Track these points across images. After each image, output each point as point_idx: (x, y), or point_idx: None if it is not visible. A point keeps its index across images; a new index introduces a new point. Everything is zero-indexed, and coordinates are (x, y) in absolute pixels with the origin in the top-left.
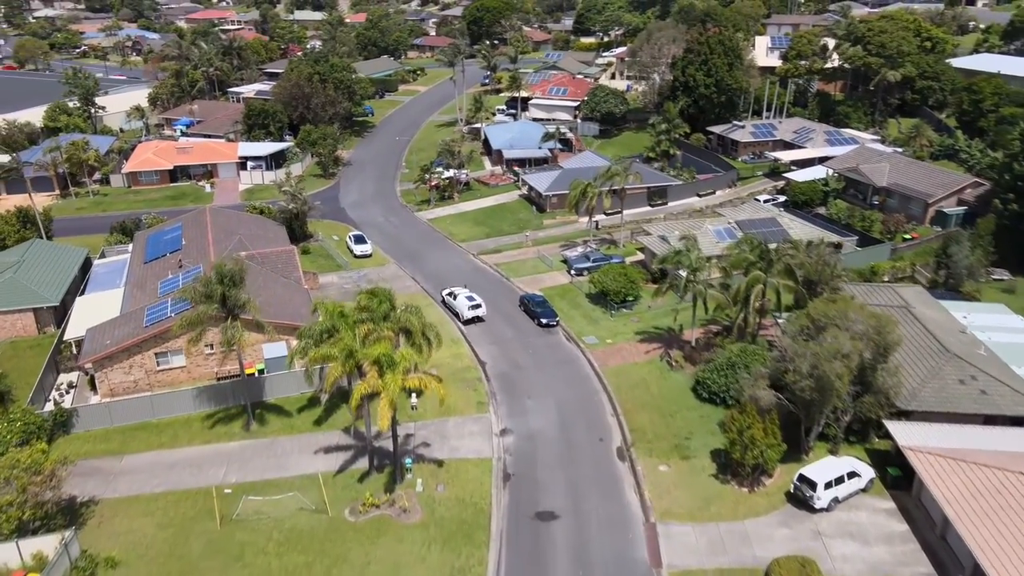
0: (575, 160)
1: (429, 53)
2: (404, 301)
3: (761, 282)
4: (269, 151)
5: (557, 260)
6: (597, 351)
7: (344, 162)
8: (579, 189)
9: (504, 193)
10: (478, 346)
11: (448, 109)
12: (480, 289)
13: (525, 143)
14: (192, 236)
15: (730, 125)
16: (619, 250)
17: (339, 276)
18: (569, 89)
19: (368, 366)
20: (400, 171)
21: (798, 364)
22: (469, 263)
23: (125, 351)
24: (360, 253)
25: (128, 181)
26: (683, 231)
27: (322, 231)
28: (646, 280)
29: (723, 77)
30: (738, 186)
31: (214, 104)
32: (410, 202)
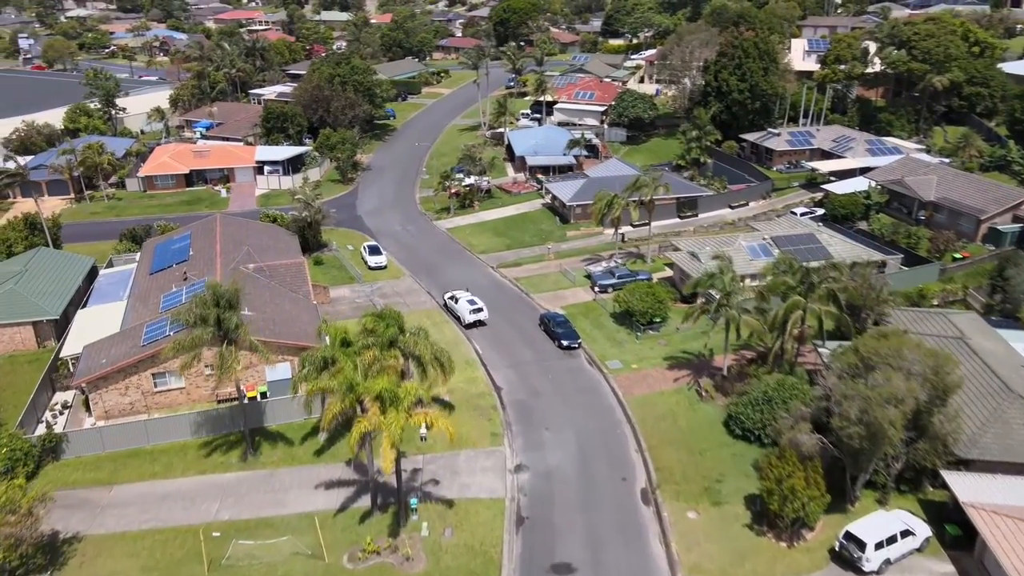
0: (601, 168)
1: (454, 54)
2: (418, 318)
3: (801, 308)
4: (287, 155)
5: (580, 275)
6: (621, 377)
7: (363, 167)
8: (605, 201)
9: (526, 202)
10: (494, 370)
11: (471, 113)
12: (499, 306)
13: (549, 150)
14: (200, 246)
15: (764, 132)
16: (646, 265)
17: (351, 289)
18: (596, 93)
19: (370, 401)
20: (420, 177)
21: (845, 408)
22: (488, 277)
23: (121, 371)
24: (374, 265)
25: (144, 185)
26: (715, 247)
27: (337, 240)
28: (675, 299)
29: (758, 82)
30: (773, 197)
31: (234, 106)
32: (429, 210)
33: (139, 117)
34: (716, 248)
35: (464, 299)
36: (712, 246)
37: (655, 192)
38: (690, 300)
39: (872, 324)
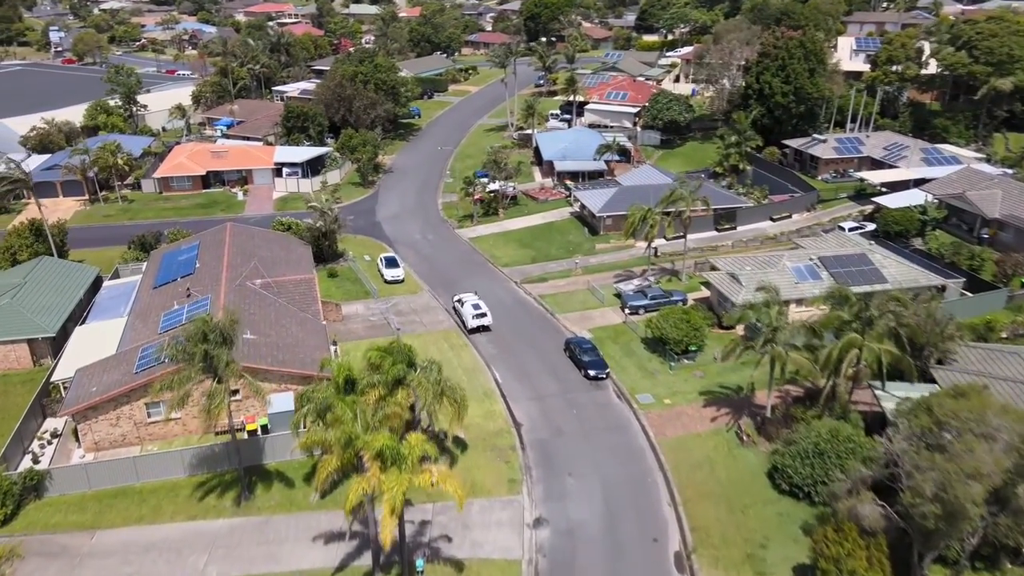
0: (634, 175)
1: (483, 50)
2: (435, 340)
3: (857, 346)
4: (306, 157)
5: (609, 294)
6: (653, 414)
7: (385, 169)
8: (638, 216)
9: (554, 210)
10: (515, 403)
11: (499, 112)
12: (522, 328)
13: (579, 154)
14: (208, 258)
15: (810, 139)
16: (680, 284)
17: (366, 306)
18: (629, 93)
19: (369, 458)
20: (444, 180)
21: (919, 482)
22: (511, 293)
23: (111, 401)
24: (391, 278)
25: (159, 187)
26: (756, 268)
27: (353, 250)
28: (712, 325)
29: (803, 84)
30: (818, 210)
31: (256, 104)
32: (451, 217)
33: (160, 114)
34: (757, 268)
35: (469, 303)
36: (753, 266)
37: (692, 206)
38: (729, 326)
39: (935, 362)
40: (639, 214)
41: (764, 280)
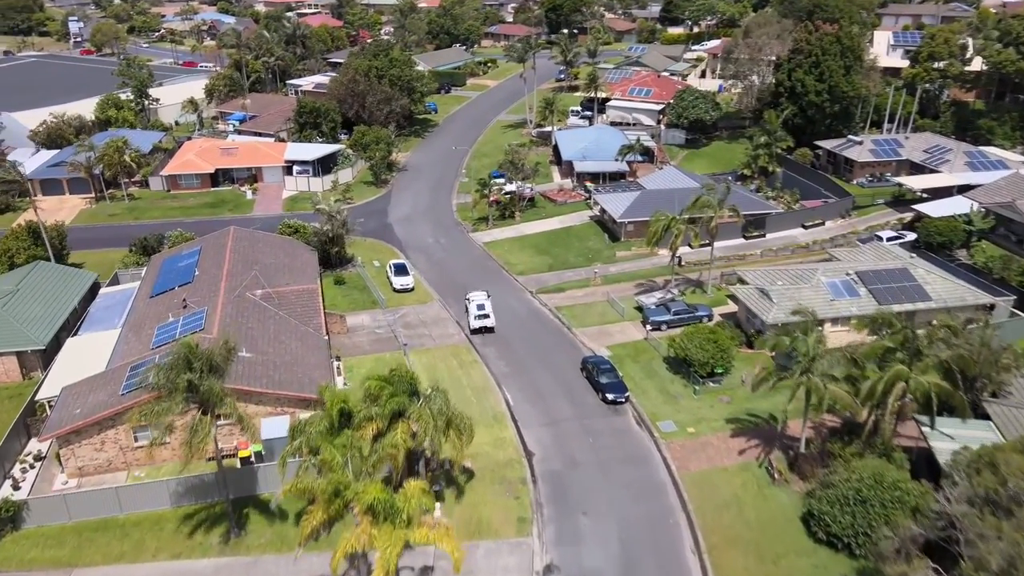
0: (657, 178)
1: (504, 42)
2: (443, 356)
3: (904, 379)
4: (317, 155)
5: (630, 306)
6: (675, 444)
7: (399, 167)
8: (661, 224)
9: (573, 213)
10: (527, 428)
11: (518, 108)
12: (536, 343)
13: (600, 154)
14: (208, 265)
15: (844, 140)
16: (706, 298)
17: (372, 316)
18: (653, 90)
19: (360, 512)
20: (459, 179)
21: (983, 553)
22: (525, 304)
23: (95, 425)
24: (400, 287)
25: (167, 185)
26: (788, 282)
27: (362, 255)
28: (740, 344)
29: (838, 82)
30: (853, 216)
31: (268, 98)
32: (466, 219)
33: (173, 108)
34: (789, 283)
35: (475, 302)
36: (785, 280)
37: (720, 214)
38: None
39: (989, 395)
40: (663, 222)
41: (797, 297)
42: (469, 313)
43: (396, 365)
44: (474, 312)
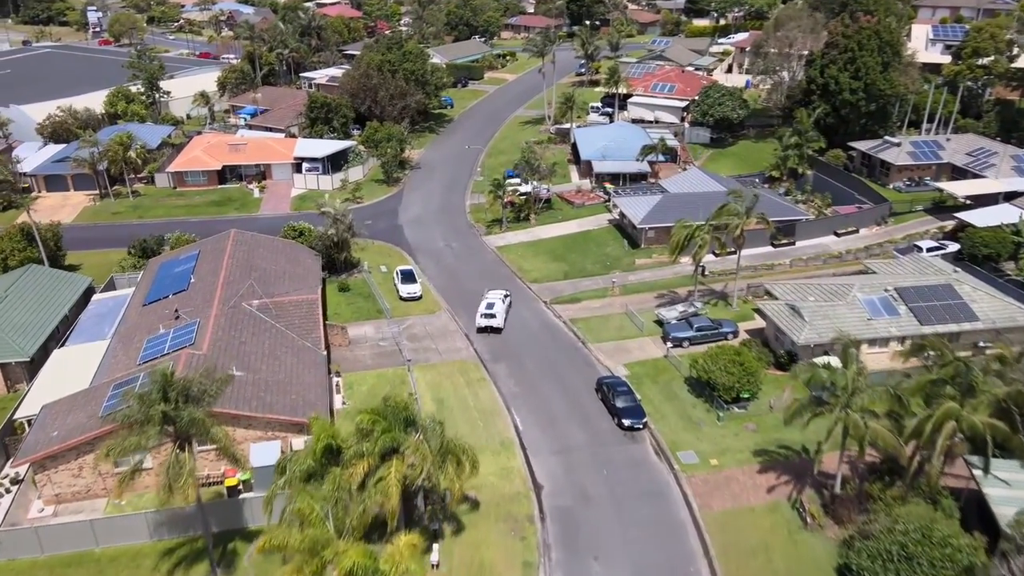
0: (680, 180)
1: (524, 34)
2: (449, 372)
3: (954, 417)
4: (327, 151)
5: (650, 319)
6: (697, 479)
7: (412, 165)
8: (684, 234)
9: (591, 216)
10: (536, 456)
11: (536, 103)
12: (549, 360)
13: (620, 153)
14: (205, 271)
15: (880, 142)
16: (730, 312)
17: (376, 327)
18: (677, 86)
19: None
20: (473, 178)
21: None
22: (538, 316)
23: (73, 449)
24: (407, 295)
25: (173, 181)
26: (820, 297)
27: (370, 259)
28: (768, 364)
29: (875, 80)
30: (889, 224)
31: (280, 92)
32: (479, 221)
33: (184, 101)
34: (822, 299)
35: (486, 301)
36: (817, 296)
37: (747, 223)
38: (787, 365)
39: None
40: (685, 232)
41: (830, 315)
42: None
43: (399, 382)
44: (482, 309)
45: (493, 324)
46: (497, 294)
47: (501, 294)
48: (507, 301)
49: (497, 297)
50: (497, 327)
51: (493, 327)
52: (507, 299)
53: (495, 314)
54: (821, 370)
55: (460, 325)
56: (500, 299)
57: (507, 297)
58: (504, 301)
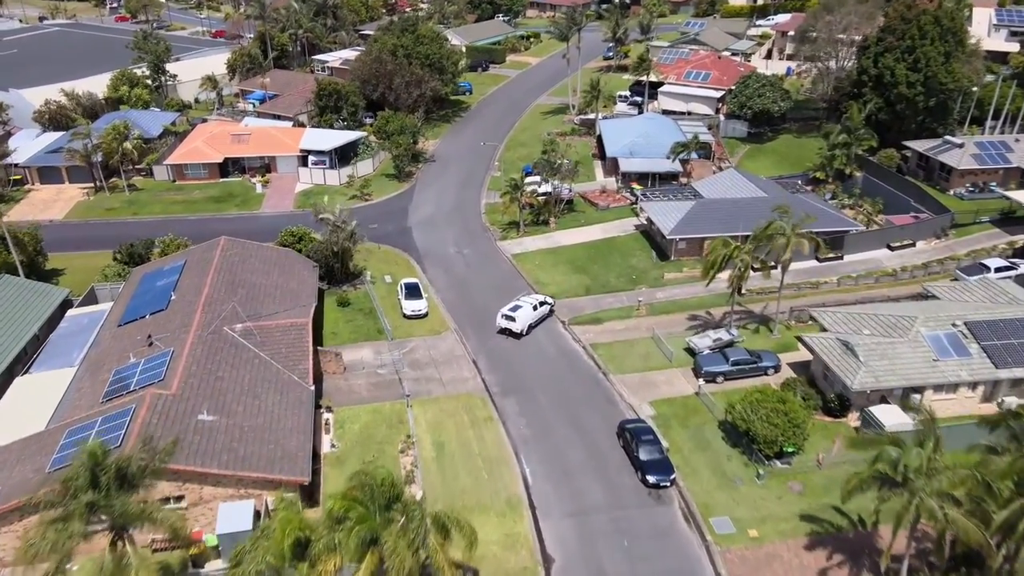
0: (715, 183)
1: (550, 12)
2: (453, 410)
3: None
4: (335, 143)
5: (679, 347)
6: (734, 555)
7: (426, 157)
8: (720, 255)
9: (616, 220)
10: (546, 519)
11: (560, 90)
12: (564, 394)
13: (650, 150)
14: (188, 286)
15: (940, 142)
16: (770, 340)
17: (375, 351)
18: (712, 73)
19: None
20: (490, 174)
21: None
22: (555, 339)
23: (16, 510)
24: (411, 312)
25: (173, 174)
26: (878, 330)
27: (374, 267)
28: (815, 408)
29: (936, 72)
30: (950, 236)
31: (290, 76)
32: (495, 223)
33: (192, 85)
34: (879, 333)
35: (513, 303)
36: (873, 328)
37: (795, 244)
38: (838, 411)
39: None
40: (722, 253)
41: (890, 355)
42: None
43: (396, 421)
44: (504, 309)
45: (512, 328)
46: (531, 299)
47: (536, 300)
48: (542, 309)
49: (528, 301)
50: (516, 332)
51: (512, 331)
52: (543, 307)
53: (515, 317)
54: (890, 448)
55: (468, 349)
56: (531, 304)
57: (543, 304)
58: (536, 308)
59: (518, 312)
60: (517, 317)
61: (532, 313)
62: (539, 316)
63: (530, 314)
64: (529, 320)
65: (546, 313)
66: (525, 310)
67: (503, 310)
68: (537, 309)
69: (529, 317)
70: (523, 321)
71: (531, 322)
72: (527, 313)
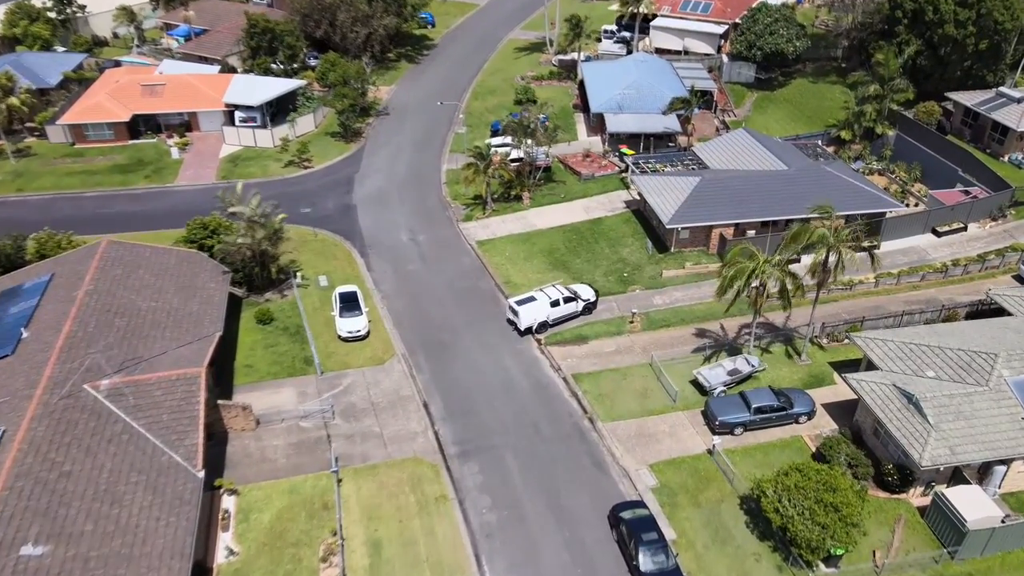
0: (722, 147)
1: None
2: (395, 486)
3: None
4: (266, 96)
5: (684, 377)
6: None
7: (379, 109)
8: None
9: (602, 195)
10: None
11: (536, 21)
12: (541, 457)
13: (642, 103)
14: (47, 316)
15: (993, 94)
16: (799, 366)
17: (299, 391)
18: (713, 4)
19: None
20: (454, 129)
21: None
22: (528, 366)
23: None
24: (348, 334)
25: (70, 136)
26: (945, 371)
27: (307, 261)
28: (866, 478)
29: (992, 8)
30: (1010, 218)
31: (220, 7)
32: (457, 197)
33: (105, 18)
34: (948, 374)
35: (532, 292)
36: (938, 367)
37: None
38: (897, 486)
39: None
40: (744, 270)
41: (967, 411)
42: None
43: (320, 506)
44: (512, 301)
45: (517, 323)
46: (555, 291)
47: (562, 292)
48: (569, 307)
49: (548, 294)
50: (523, 328)
51: (515, 325)
52: (570, 303)
53: (519, 313)
54: None
55: (418, 387)
56: (549, 298)
57: (573, 300)
58: (560, 303)
59: (525, 308)
60: (521, 314)
61: (547, 311)
62: (562, 314)
63: (542, 311)
64: (540, 318)
65: (576, 311)
66: (536, 306)
67: (511, 300)
68: (560, 306)
69: (540, 314)
70: (528, 319)
71: (544, 320)
72: (538, 310)
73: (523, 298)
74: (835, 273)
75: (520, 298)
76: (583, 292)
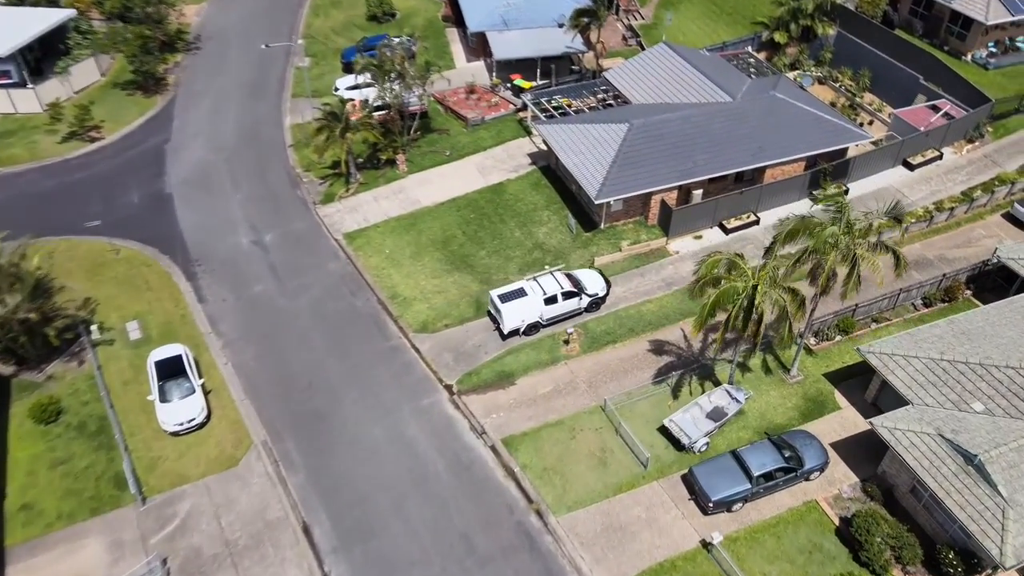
0: (639, 69)
1: None
2: None
3: None
4: (21, 39)
5: (652, 426)
6: None
7: (187, 39)
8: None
9: (499, 146)
10: None
11: None
12: None
13: (534, 15)
14: None
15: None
16: (789, 384)
17: (111, 538)
18: None
19: None
20: (293, 63)
21: None
22: (442, 434)
23: None
24: (176, 427)
25: None
26: (999, 403)
27: (105, 298)
28: (915, 562)
29: None
30: (988, 138)
31: None
32: (310, 166)
33: None
34: (1000, 405)
35: (520, 283)
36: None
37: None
38: (959, 574)
39: None
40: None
41: None
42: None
43: None
44: (495, 294)
45: (500, 324)
46: (553, 282)
47: (561, 287)
48: (567, 304)
49: (542, 287)
50: (507, 331)
51: (498, 325)
52: (570, 299)
53: (502, 312)
54: None
55: (292, 498)
56: (543, 294)
57: (574, 295)
58: (559, 299)
59: (510, 305)
60: (505, 313)
61: (540, 308)
62: (559, 313)
63: (534, 310)
64: (530, 319)
65: (578, 308)
66: (526, 303)
67: (494, 292)
68: (558, 302)
69: (530, 314)
70: (514, 321)
71: (536, 321)
72: (527, 308)
73: (509, 291)
74: (849, 290)
75: (504, 291)
76: (589, 282)
